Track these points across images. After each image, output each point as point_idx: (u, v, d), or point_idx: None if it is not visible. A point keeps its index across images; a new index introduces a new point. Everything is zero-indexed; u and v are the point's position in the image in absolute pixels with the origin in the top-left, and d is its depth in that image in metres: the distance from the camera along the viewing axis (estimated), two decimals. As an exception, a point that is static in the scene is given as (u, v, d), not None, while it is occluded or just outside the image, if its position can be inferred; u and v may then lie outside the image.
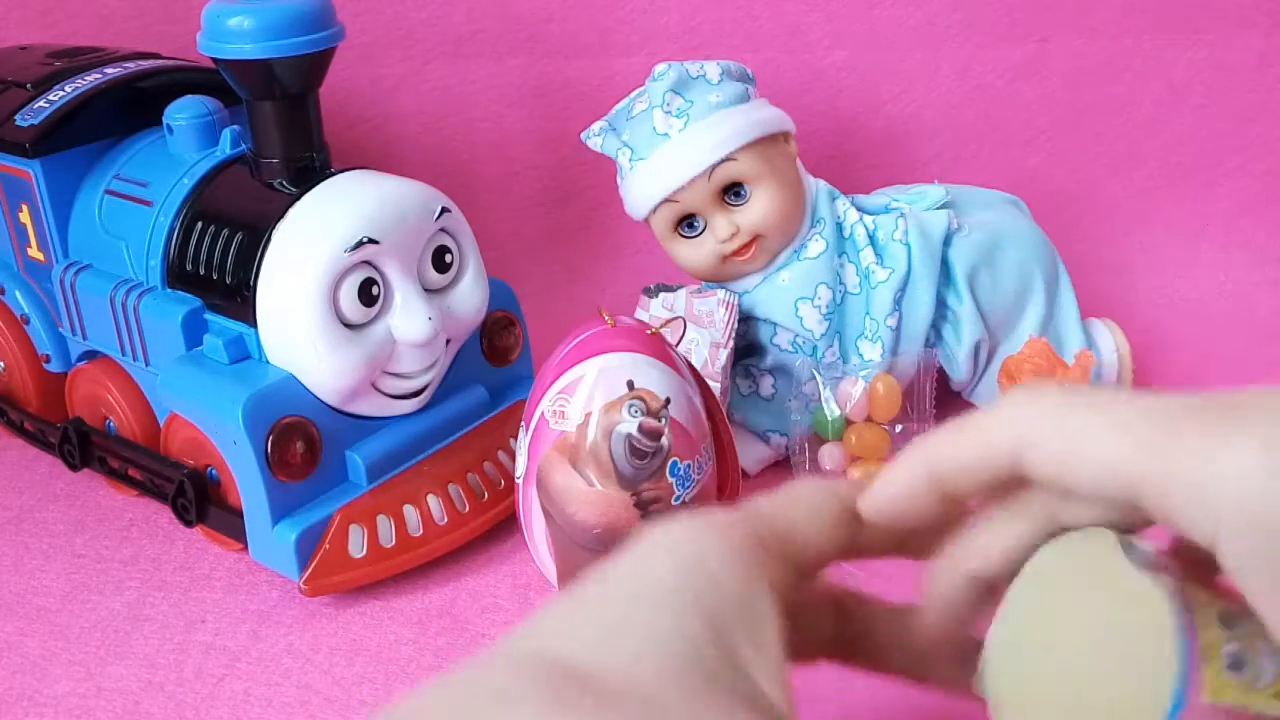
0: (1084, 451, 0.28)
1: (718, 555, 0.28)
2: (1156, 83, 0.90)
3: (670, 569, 0.27)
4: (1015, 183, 0.80)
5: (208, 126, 0.63)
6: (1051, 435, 0.28)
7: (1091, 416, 0.28)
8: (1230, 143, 0.91)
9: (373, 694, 0.51)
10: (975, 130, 0.91)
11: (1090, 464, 0.28)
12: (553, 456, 0.51)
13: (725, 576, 0.27)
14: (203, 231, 0.59)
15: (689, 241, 0.65)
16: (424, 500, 0.58)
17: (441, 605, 0.57)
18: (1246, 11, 0.88)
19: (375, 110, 0.90)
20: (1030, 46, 0.89)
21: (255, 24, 0.54)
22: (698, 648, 0.26)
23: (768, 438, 0.67)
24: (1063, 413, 0.28)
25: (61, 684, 0.52)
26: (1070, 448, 0.28)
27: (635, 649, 0.25)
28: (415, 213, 0.57)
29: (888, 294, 0.65)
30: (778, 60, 0.89)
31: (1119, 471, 0.27)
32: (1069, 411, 0.28)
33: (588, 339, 0.52)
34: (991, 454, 0.30)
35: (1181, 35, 0.89)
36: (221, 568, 0.60)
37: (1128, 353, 0.70)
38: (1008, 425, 0.29)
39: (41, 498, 0.67)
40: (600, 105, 0.70)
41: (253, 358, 0.58)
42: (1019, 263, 0.68)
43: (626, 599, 0.27)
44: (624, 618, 0.26)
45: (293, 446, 0.55)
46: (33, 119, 0.63)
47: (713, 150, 0.62)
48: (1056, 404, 0.29)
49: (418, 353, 0.58)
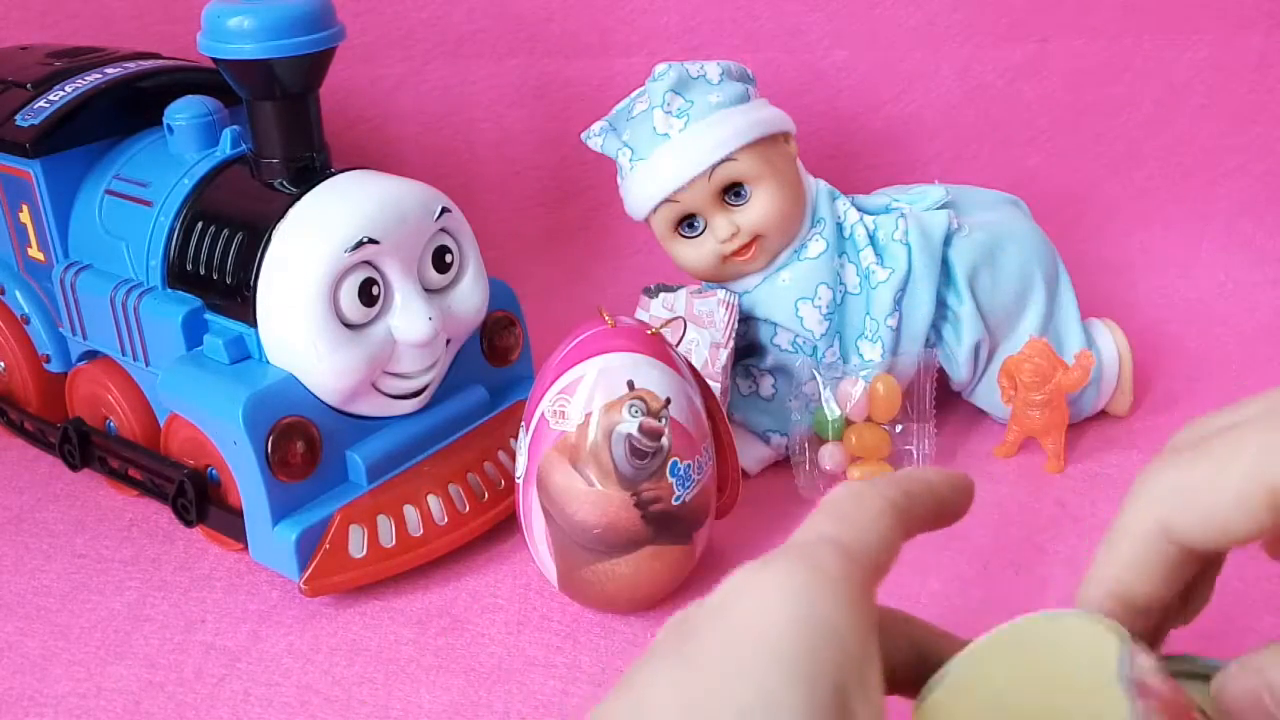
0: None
1: (841, 610, 0.24)
2: (1157, 83, 0.90)
3: (791, 628, 0.23)
4: (1015, 183, 0.80)
5: (208, 126, 0.63)
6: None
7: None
8: (1230, 143, 0.91)
9: (373, 694, 0.51)
10: (975, 130, 0.91)
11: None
12: (553, 456, 0.51)
13: (849, 636, 0.24)
14: (203, 231, 0.59)
15: (689, 241, 0.65)
16: (424, 500, 0.58)
17: (442, 605, 0.57)
18: (1246, 12, 0.88)
19: (375, 110, 0.90)
20: (1030, 47, 0.89)
21: (255, 24, 0.54)
22: (825, 717, 0.22)
23: (768, 438, 0.67)
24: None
25: (62, 684, 0.52)
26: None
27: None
28: (415, 213, 0.57)
29: (888, 294, 0.65)
30: (778, 60, 0.89)
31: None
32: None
33: (588, 339, 0.52)
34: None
35: (1182, 35, 0.89)
36: (222, 568, 0.60)
37: (1128, 353, 0.70)
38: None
39: (42, 498, 0.67)
40: (600, 105, 0.70)
41: (253, 358, 0.58)
42: (1019, 263, 0.68)
43: (742, 664, 0.23)
44: (744, 687, 0.23)
45: (293, 446, 0.55)
46: (33, 119, 0.63)
47: (713, 150, 0.62)
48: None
49: (418, 353, 0.58)
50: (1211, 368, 0.77)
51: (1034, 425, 0.65)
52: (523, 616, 0.56)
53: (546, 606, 0.56)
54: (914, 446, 0.65)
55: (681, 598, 0.56)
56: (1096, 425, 0.70)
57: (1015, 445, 0.67)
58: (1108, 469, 0.66)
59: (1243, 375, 0.76)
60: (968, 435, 0.70)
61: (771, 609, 0.24)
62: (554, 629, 0.55)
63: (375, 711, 0.50)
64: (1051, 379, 0.64)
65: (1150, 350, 0.77)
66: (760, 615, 0.24)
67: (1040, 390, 0.64)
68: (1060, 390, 0.64)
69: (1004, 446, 0.67)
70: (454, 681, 0.52)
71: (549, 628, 0.55)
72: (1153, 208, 0.92)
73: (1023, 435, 0.66)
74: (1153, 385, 0.74)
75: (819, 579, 0.25)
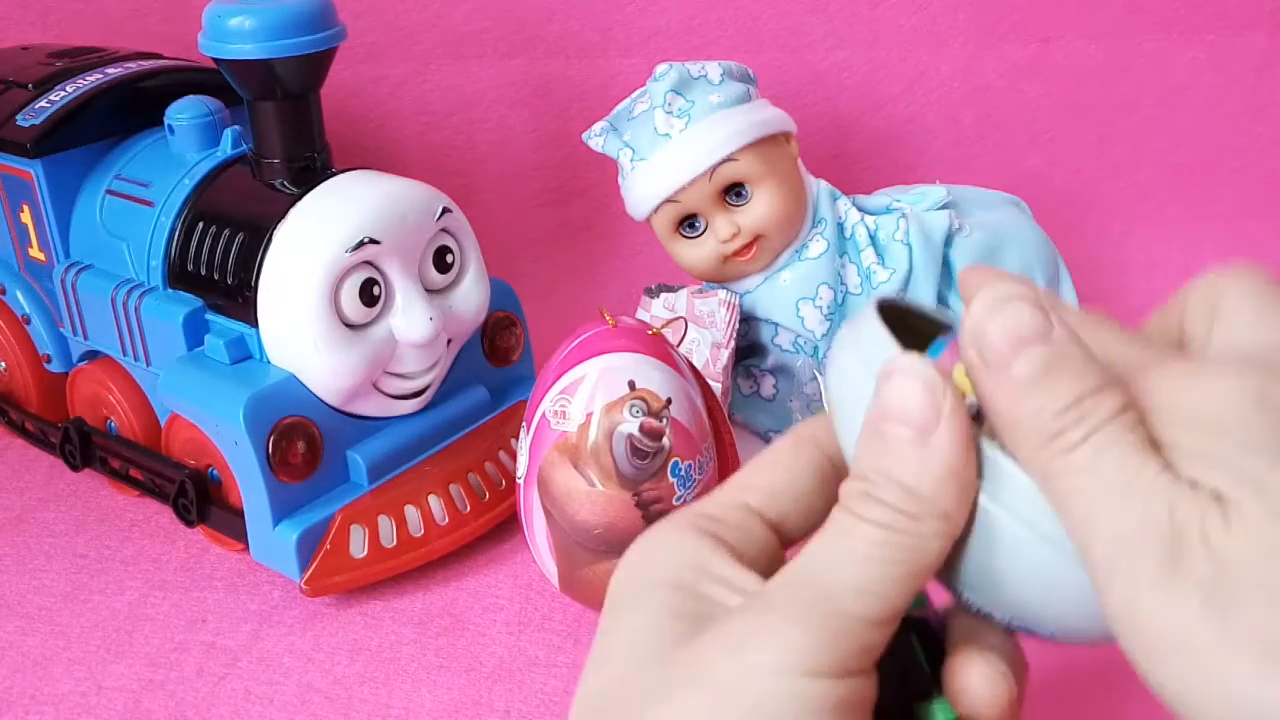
0: None
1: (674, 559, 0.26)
2: (1158, 83, 0.90)
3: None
4: (1016, 183, 0.80)
5: (209, 126, 0.63)
6: None
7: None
8: (1231, 143, 0.91)
9: (374, 693, 0.51)
10: (976, 130, 0.91)
11: None
12: (554, 456, 0.51)
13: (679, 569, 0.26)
14: (204, 232, 0.59)
15: (690, 242, 0.65)
16: (425, 500, 0.58)
17: (442, 605, 0.57)
18: (1247, 13, 0.88)
19: (376, 110, 0.90)
20: (1032, 47, 0.89)
21: (256, 24, 0.54)
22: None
23: (769, 438, 0.67)
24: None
25: (63, 683, 0.52)
26: None
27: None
28: (416, 213, 0.57)
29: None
30: (779, 60, 0.89)
31: None
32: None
33: (589, 339, 0.52)
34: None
35: (1183, 36, 0.89)
36: (223, 568, 0.60)
37: (1129, 353, 0.70)
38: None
39: (43, 498, 0.67)
40: (601, 105, 0.70)
41: (254, 358, 0.58)
42: (1020, 263, 0.68)
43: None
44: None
45: (294, 447, 0.55)
46: (34, 119, 0.63)
47: (714, 150, 0.62)
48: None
49: (419, 353, 0.58)
50: (1212, 368, 0.77)
51: (1035, 425, 0.65)
52: (524, 616, 0.56)
53: (547, 606, 0.56)
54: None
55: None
56: (1097, 425, 0.70)
57: (1016, 445, 0.67)
58: (1109, 469, 0.66)
59: (1244, 375, 0.75)
60: (969, 435, 0.70)
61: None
62: (555, 629, 0.55)
63: (376, 711, 0.50)
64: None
65: (1151, 350, 0.77)
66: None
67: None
68: (1061, 390, 0.64)
69: (1005, 447, 0.67)
70: (455, 681, 0.52)
71: (550, 628, 0.55)
72: (1154, 208, 0.92)
73: (1024, 435, 0.66)
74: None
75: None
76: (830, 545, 0.24)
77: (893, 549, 0.23)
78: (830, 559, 0.24)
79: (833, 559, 0.24)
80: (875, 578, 0.23)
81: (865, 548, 0.24)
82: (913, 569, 0.24)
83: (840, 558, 0.24)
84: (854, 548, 0.24)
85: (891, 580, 0.23)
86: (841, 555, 0.24)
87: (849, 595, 0.23)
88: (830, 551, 0.24)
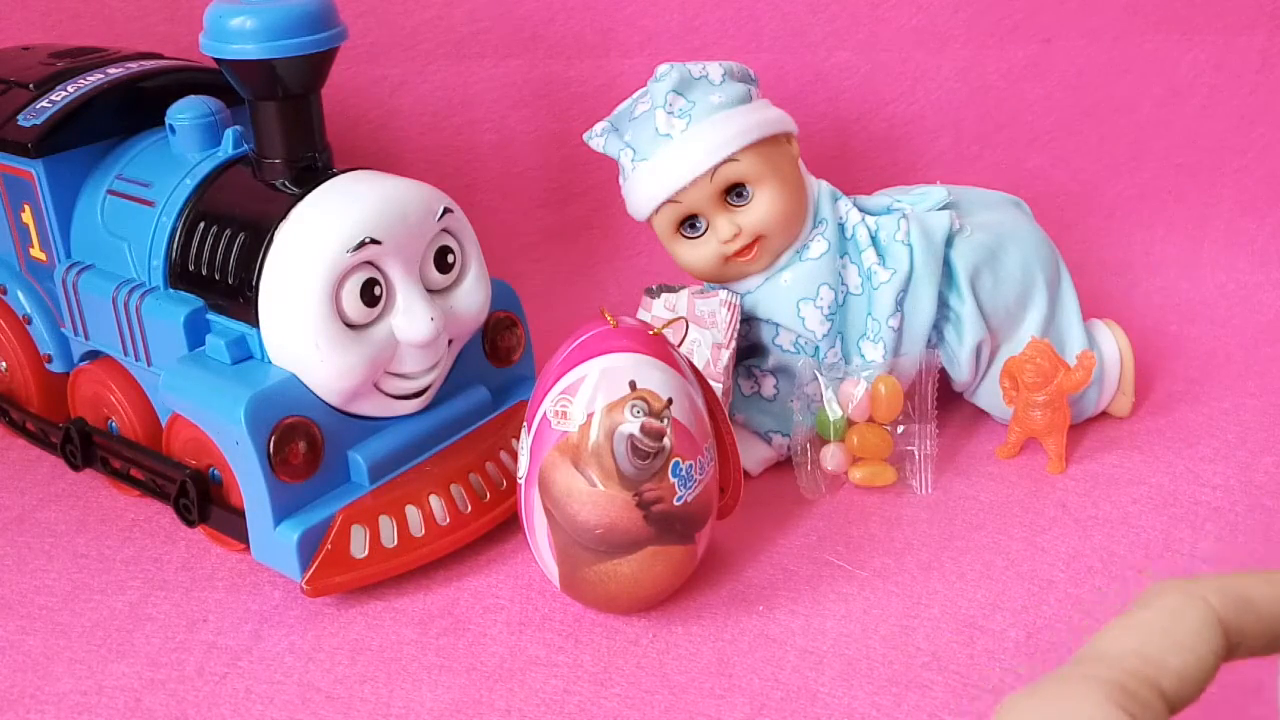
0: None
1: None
2: (1158, 84, 0.90)
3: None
4: (1017, 183, 0.80)
5: (210, 127, 0.63)
6: None
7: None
8: (1232, 144, 0.91)
9: (375, 693, 0.51)
10: (977, 131, 0.91)
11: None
12: (555, 457, 0.51)
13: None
14: (205, 232, 0.59)
15: (691, 242, 0.65)
16: (426, 500, 0.58)
17: (443, 605, 0.57)
18: (1248, 13, 0.88)
19: (378, 110, 0.90)
20: (1032, 47, 0.89)
21: (258, 24, 0.54)
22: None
23: (770, 438, 0.67)
24: None
25: (64, 682, 0.52)
26: None
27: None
28: (417, 213, 0.57)
29: (890, 295, 0.65)
30: (780, 61, 0.89)
31: None
32: None
33: (590, 339, 0.52)
34: None
35: (1183, 36, 0.89)
36: (224, 568, 0.60)
37: (1130, 353, 0.70)
38: None
39: (43, 498, 0.67)
40: (602, 106, 0.70)
41: (255, 358, 0.58)
42: (1021, 263, 0.68)
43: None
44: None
45: (295, 447, 0.55)
46: (35, 119, 0.63)
47: (715, 151, 0.62)
48: None
49: (420, 353, 0.58)
50: (1213, 369, 0.77)
51: (1036, 426, 0.65)
52: (524, 616, 0.56)
53: (548, 606, 0.56)
54: (915, 447, 0.65)
55: (683, 598, 0.56)
56: (1098, 426, 0.70)
57: (1017, 446, 0.67)
58: (1109, 470, 0.66)
59: (1244, 376, 0.76)
60: (969, 436, 0.70)
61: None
62: (556, 629, 0.55)
63: (377, 711, 0.50)
64: (1053, 380, 0.64)
65: (1152, 351, 0.77)
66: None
67: (1042, 391, 0.64)
68: (1062, 391, 0.64)
69: (1006, 447, 0.67)
70: (456, 681, 0.52)
71: (551, 628, 0.55)
72: (1155, 208, 0.92)
73: (1024, 436, 0.66)
74: (1154, 386, 0.74)
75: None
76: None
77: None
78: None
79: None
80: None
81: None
82: None
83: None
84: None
85: None
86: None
87: None
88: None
